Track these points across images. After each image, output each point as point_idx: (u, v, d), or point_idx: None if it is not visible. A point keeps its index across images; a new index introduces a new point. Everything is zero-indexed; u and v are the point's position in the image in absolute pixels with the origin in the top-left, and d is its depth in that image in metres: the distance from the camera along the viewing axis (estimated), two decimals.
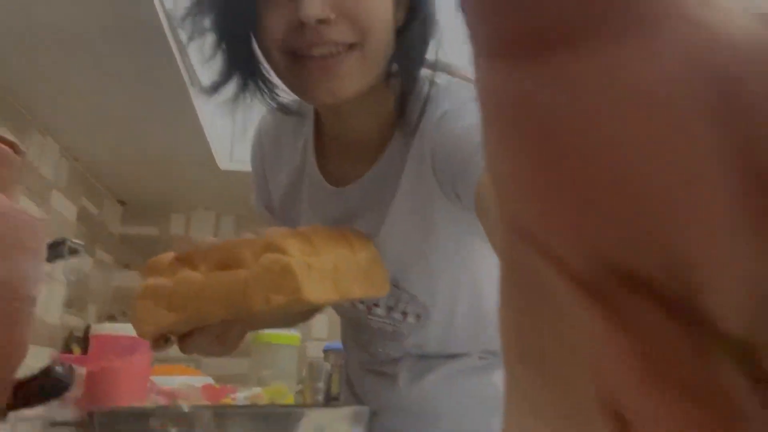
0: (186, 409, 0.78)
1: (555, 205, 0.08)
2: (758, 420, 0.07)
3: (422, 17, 0.61)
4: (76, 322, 1.78)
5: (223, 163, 1.78)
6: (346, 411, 0.62)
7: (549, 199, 0.08)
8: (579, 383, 0.08)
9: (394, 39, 0.60)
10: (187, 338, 0.59)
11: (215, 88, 0.67)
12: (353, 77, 0.57)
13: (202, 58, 0.66)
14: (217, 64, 0.64)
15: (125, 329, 1.05)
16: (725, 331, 0.07)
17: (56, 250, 1.10)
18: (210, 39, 0.63)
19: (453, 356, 0.76)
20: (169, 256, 0.60)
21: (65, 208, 1.67)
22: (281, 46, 0.57)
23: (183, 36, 0.78)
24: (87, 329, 1.72)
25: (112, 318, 2.02)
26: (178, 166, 1.78)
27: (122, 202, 2.13)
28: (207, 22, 0.62)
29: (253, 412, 0.56)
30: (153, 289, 0.58)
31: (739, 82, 0.07)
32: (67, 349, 1.70)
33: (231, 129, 1.81)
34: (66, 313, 1.72)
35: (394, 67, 0.62)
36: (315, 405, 1.38)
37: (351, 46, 0.56)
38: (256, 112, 0.79)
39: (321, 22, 0.54)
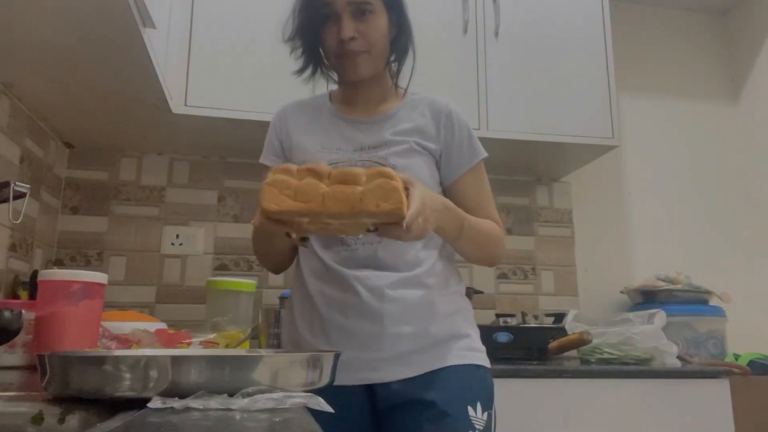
0: (142, 354, 0.78)
1: None
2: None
3: (405, 34, 1.15)
4: (21, 266, 1.73)
5: (177, 106, 1.72)
6: (301, 356, 0.63)
7: None
8: None
9: (389, 45, 1.13)
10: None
11: (300, 71, 1.17)
12: (365, 67, 1.10)
13: (294, 57, 1.17)
14: (301, 60, 1.17)
15: (74, 274, 1.03)
16: None
17: (0, 192, 1.06)
18: (298, 49, 1.16)
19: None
20: (294, 166, 0.86)
21: (7, 149, 1.60)
22: (332, 50, 1.11)
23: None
24: (34, 274, 1.68)
25: (59, 263, 1.98)
26: (129, 108, 1.71)
27: (69, 145, 2.05)
28: (297, 41, 1.15)
29: (210, 357, 0.56)
30: (281, 181, 0.84)
31: None
32: (13, 294, 1.66)
33: (186, 71, 1.75)
34: (11, 258, 1.67)
35: (392, 58, 1.16)
36: (270, 350, 1.39)
37: (365, 52, 1.09)
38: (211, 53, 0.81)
39: (350, 39, 1.06)
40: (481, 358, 1.10)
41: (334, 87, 1.22)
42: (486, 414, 1.03)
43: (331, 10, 1.07)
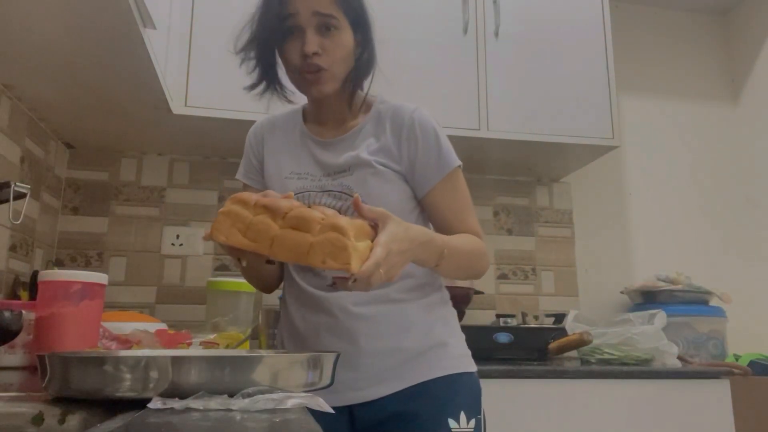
0: (142, 355, 0.78)
1: None
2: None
3: (368, 53, 1.10)
4: (21, 267, 1.73)
5: (177, 106, 1.72)
6: (301, 357, 0.63)
7: None
8: None
9: (354, 64, 1.09)
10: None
11: (252, 87, 1.13)
12: (328, 84, 1.06)
13: (246, 70, 1.12)
14: (254, 75, 1.12)
15: (74, 275, 1.03)
16: None
17: (1, 192, 1.06)
18: (251, 61, 1.11)
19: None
20: (255, 196, 0.85)
21: (7, 149, 1.60)
22: (294, 66, 1.06)
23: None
24: (34, 274, 1.68)
25: (60, 263, 1.97)
26: (129, 109, 1.72)
27: (69, 145, 2.05)
28: (252, 53, 1.11)
29: (210, 357, 0.56)
30: (235, 214, 0.84)
31: None
32: (13, 294, 1.66)
33: (186, 71, 1.75)
34: (11, 258, 1.67)
35: (356, 77, 1.10)
36: (271, 351, 1.39)
37: (328, 69, 1.04)
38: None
39: (314, 54, 1.02)
40: (464, 365, 1.07)
41: (295, 104, 1.18)
42: (473, 421, 1.01)
43: (295, 23, 1.03)
